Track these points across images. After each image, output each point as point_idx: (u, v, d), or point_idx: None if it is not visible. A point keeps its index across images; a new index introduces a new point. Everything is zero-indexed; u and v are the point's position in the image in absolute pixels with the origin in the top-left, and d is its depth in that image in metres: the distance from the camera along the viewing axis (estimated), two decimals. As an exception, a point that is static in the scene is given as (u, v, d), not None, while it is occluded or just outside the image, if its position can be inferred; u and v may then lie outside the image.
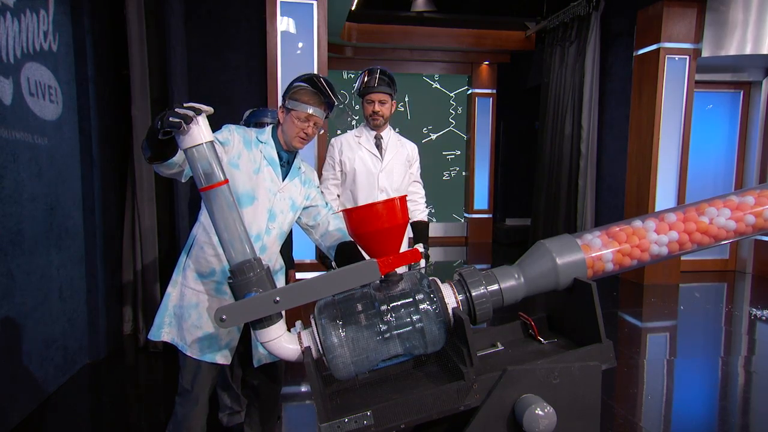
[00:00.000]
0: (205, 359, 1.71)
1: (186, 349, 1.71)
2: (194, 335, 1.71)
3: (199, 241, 1.73)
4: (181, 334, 1.73)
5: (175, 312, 1.75)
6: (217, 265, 1.71)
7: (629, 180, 5.87)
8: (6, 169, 2.37)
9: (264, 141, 1.75)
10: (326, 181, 2.63)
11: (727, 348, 3.82)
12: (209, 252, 1.72)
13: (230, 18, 4.53)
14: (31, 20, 2.62)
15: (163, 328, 1.75)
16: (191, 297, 1.72)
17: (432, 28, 7.52)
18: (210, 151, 1.25)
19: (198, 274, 1.72)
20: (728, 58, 5.46)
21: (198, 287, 1.72)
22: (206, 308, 1.71)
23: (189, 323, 1.71)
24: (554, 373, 1.16)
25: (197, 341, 1.71)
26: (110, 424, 2.68)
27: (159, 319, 1.76)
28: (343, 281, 1.18)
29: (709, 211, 1.28)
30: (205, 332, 1.71)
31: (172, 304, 1.75)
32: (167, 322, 1.75)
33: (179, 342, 1.73)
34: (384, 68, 2.51)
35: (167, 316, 1.75)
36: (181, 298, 1.73)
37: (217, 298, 1.72)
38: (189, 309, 1.72)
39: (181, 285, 1.74)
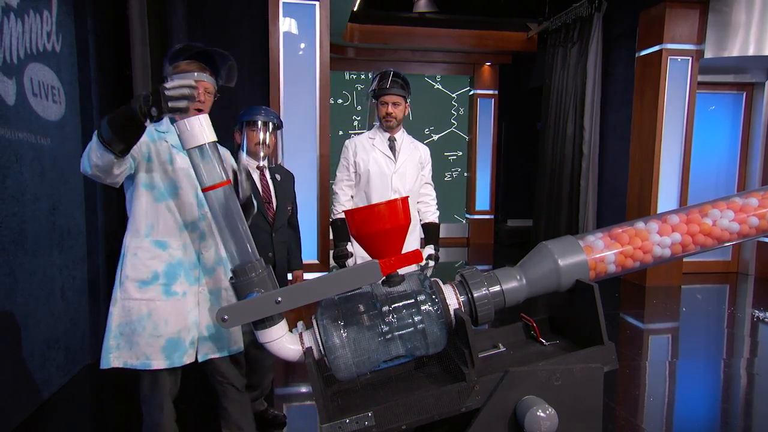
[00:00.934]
0: (174, 365, 1.64)
1: (150, 365, 1.61)
2: (156, 345, 1.61)
3: (131, 248, 1.64)
4: (137, 351, 1.60)
5: (121, 332, 1.61)
6: (159, 265, 1.62)
7: (631, 181, 5.86)
8: (9, 170, 2.38)
9: (165, 130, 1.68)
10: (340, 182, 2.64)
11: (730, 350, 3.81)
12: (145, 256, 1.62)
13: (232, 19, 4.54)
14: (35, 21, 2.62)
15: (111, 353, 1.61)
16: (140, 308, 1.61)
17: (434, 29, 7.52)
18: (213, 151, 1.25)
19: (140, 282, 1.61)
20: (731, 60, 5.45)
21: (144, 296, 1.61)
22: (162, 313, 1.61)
23: (146, 335, 1.60)
24: (556, 375, 1.16)
25: (161, 350, 1.61)
26: (112, 424, 2.69)
27: (105, 344, 1.61)
28: (345, 282, 1.18)
29: (713, 213, 1.28)
30: (167, 339, 1.62)
31: (115, 324, 1.62)
32: (114, 345, 1.61)
33: (136, 362, 1.61)
34: (398, 70, 2.54)
35: (113, 339, 1.61)
36: (126, 314, 1.61)
37: (168, 300, 1.62)
38: (141, 321, 1.60)
39: (122, 300, 1.62)
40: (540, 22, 7.47)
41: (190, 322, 1.67)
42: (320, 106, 4.36)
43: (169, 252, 1.64)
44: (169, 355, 1.63)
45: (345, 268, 2.54)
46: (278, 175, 2.46)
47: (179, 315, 1.64)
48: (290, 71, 4.31)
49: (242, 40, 4.53)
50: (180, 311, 1.64)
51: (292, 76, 4.32)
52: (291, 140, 4.32)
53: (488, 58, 8.25)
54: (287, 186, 2.51)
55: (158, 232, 1.65)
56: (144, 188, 1.65)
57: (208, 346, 1.70)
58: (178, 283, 1.64)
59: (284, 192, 2.46)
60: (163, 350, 1.62)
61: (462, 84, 8.62)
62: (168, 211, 1.64)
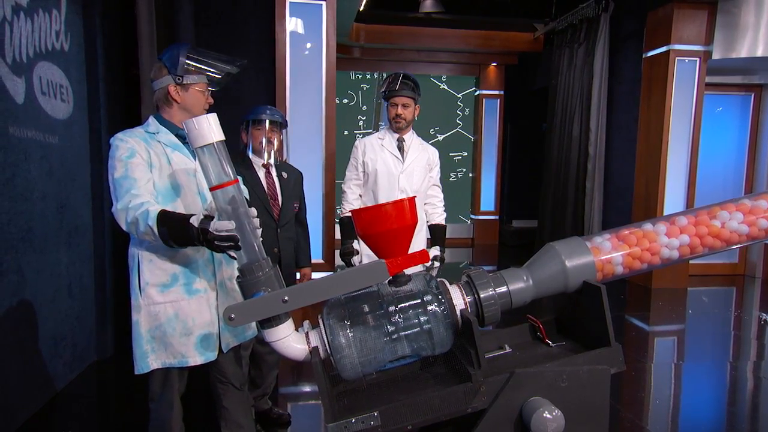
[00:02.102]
0: (209, 359, 1.67)
1: (187, 362, 1.64)
2: (189, 344, 1.64)
3: (146, 256, 1.64)
4: (173, 351, 1.64)
5: (153, 335, 1.64)
6: (176, 268, 1.63)
7: (637, 183, 5.83)
8: (17, 168, 2.40)
9: (155, 131, 1.67)
10: (349, 181, 2.70)
11: (736, 353, 3.78)
12: (159, 261, 1.63)
13: (239, 18, 4.55)
14: (44, 20, 2.64)
15: (148, 357, 1.64)
16: (167, 311, 1.63)
17: (439, 29, 7.51)
18: (220, 150, 1.26)
19: (161, 286, 1.63)
20: (739, 61, 5.41)
21: (168, 298, 1.63)
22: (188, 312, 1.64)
23: (177, 335, 1.63)
24: (562, 377, 1.15)
25: (195, 347, 1.64)
26: (118, 420, 2.70)
27: (139, 350, 1.64)
28: (352, 282, 1.18)
29: (722, 215, 1.27)
30: (198, 334, 1.65)
31: (145, 330, 1.64)
32: (149, 349, 1.64)
33: (174, 360, 1.64)
34: (408, 73, 2.60)
35: (147, 343, 1.64)
36: (154, 319, 1.63)
37: (192, 298, 1.65)
38: (171, 323, 1.63)
39: (147, 306, 1.64)
40: (546, 23, 7.44)
41: (215, 316, 1.69)
42: (326, 105, 4.36)
43: (184, 252, 1.65)
44: (203, 351, 1.66)
45: (351, 265, 2.57)
46: (284, 173, 2.49)
47: (205, 311, 1.67)
48: (296, 71, 4.32)
49: (249, 40, 4.54)
50: (204, 307, 1.67)
51: (298, 75, 4.32)
52: (297, 140, 4.33)
53: (494, 59, 8.23)
54: (294, 183, 2.52)
55: None
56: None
57: (227, 336, 1.73)
58: (197, 281, 1.67)
59: (290, 189, 2.48)
60: (196, 347, 1.65)
61: (467, 84, 8.60)
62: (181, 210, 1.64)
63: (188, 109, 1.67)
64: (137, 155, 1.56)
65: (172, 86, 1.64)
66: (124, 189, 1.53)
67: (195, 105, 1.67)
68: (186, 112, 1.67)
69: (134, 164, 1.55)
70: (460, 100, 8.64)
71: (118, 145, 1.57)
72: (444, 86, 8.55)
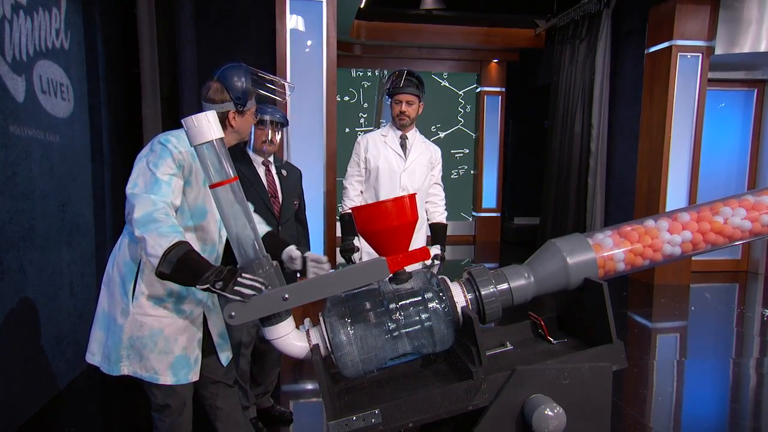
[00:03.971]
0: (182, 382, 1.63)
1: (158, 379, 1.61)
2: (165, 362, 1.61)
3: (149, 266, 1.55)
4: (147, 364, 1.61)
5: (132, 344, 1.60)
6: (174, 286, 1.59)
7: (640, 179, 5.81)
8: (18, 166, 2.40)
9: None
10: (350, 177, 2.70)
11: (739, 349, 3.77)
12: None
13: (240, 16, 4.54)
14: (44, 18, 2.64)
15: (121, 362, 1.61)
16: (152, 324, 1.59)
17: (441, 26, 7.49)
18: (220, 148, 1.25)
19: (155, 299, 1.60)
20: (742, 56, 5.38)
21: (158, 313, 1.60)
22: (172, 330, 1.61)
23: (156, 351, 1.60)
24: (564, 374, 1.15)
25: (170, 367, 1.61)
26: (119, 420, 2.71)
27: (115, 353, 1.61)
28: (352, 279, 1.17)
29: (724, 211, 1.26)
30: (176, 356, 1.62)
31: (126, 336, 1.60)
32: (124, 355, 1.61)
33: (145, 374, 1.61)
34: (412, 70, 2.58)
35: (123, 349, 1.60)
36: (138, 329, 1.59)
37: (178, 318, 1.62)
38: (153, 337, 1.60)
39: (136, 314, 1.59)
40: (548, 19, 7.41)
41: (196, 341, 1.67)
42: (327, 103, 4.35)
43: None
44: (176, 372, 1.62)
45: (351, 262, 2.56)
46: (284, 171, 2.50)
47: (187, 333, 1.64)
48: (297, 68, 4.31)
49: (250, 38, 4.53)
50: (188, 330, 1.64)
51: (299, 73, 4.31)
52: (298, 137, 4.32)
53: (495, 56, 8.20)
54: (293, 181, 2.53)
55: None
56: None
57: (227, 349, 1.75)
58: (186, 302, 1.64)
59: (290, 187, 2.49)
60: (171, 367, 1.62)
61: (469, 81, 8.58)
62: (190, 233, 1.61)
63: (240, 132, 1.66)
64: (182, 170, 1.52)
65: (231, 112, 1.61)
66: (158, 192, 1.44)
67: (246, 129, 1.67)
68: (237, 135, 1.67)
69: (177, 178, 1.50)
70: (461, 97, 8.62)
71: (171, 150, 1.50)
72: (445, 83, 8.53)
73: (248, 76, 1.62)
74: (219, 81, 1.60)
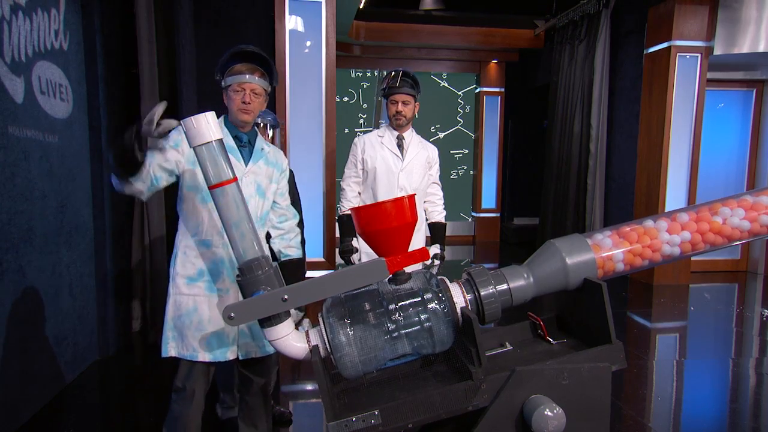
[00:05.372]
0: (218, 359, 1.70)
1: (197, 356, 1.70)
2: (202, 340, 1.70)
3: (181, 246, 1.74)
4: (187, 343, 1.71)
5: (174, 324, 1.73)
6: (203, 264, 1.71)
7: (639, 179, 5.82)
8: (17, 167, 2.40)
9: None
10: (348, 178, 2.70)
11: (738, 349, 3.77)
12: (192, 254, 1.72)
13: (239, 17, 4.55)
14: (43, 19, 2.64)
15: (169, 343, 1.74)
16: (187, 303, 1.71)
17: (440, 27, 7.49)
18: (219, 149, 1.25)
19: (188, 278, 1.72)
20: (741, 56, 5.39)
21: (191, 291, 1.71)
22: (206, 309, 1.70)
23: (192, 329, 1.70)
24: (563, 374, 1.15)
25: (206, 344, 1.70)
26: (119, 420, 2.70)
27: (164, 334, 1.76)
28: (352, 280, 1.17)
29: (723, 211, 1.26)
30: (211, 333, 1.70)
31: (169, 317, 1.74)
32: (170, 336, 1.74)
33: (185, 353, 1.72)
34: (408, 70, 2.60)
35: (169, 330, 1.75)
36: (177, 308, 1.72)
37: (211, 296, 1.72)
38: (189, 315, 1.71)
39: (174, 295, 1.73)
40: (547, 19, 7.42)
41: None
42: (326, 103, 4.36)
43: (213, 251, 1.71)
44: (212, 350, 1.70)
45: (350, 263, 2.57)
46: None
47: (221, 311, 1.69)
48: (296, 69, 4.31)
49: (249, 38, 4.53)
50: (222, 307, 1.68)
51: (298, 73, 4.32)
52: (297, 138, 4.32)
53: (495, 56, 8.21)
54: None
55: (203, 231, 1.72)
56: (189, 191, 1.71)
57: (249, 344, 1.77)
58: (221, 281, 1.71)
59: None
60: (207, 344, 1.70)
61: (468, 82, 8.59)
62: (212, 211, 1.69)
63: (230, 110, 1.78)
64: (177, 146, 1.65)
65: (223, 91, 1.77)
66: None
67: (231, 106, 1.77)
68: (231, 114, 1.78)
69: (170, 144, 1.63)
70: (460, 98, 8.62)
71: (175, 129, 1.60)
72: (444, 84, 8.53)
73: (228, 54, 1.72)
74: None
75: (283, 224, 1.93)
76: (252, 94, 1.72)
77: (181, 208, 1.76)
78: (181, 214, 1.77)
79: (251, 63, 1.72)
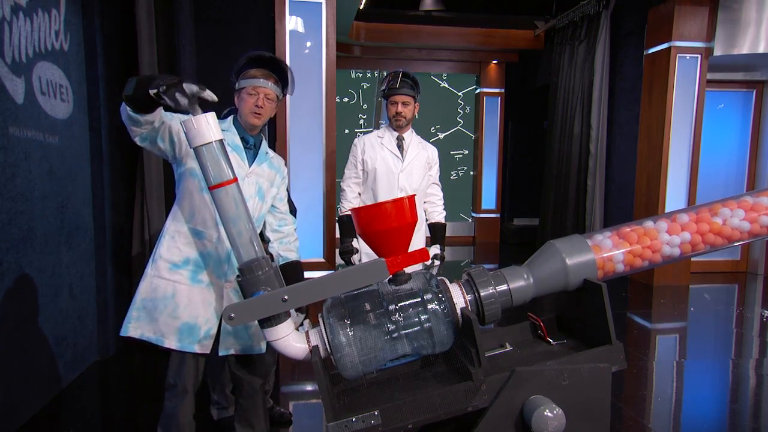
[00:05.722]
0: (185, 349, 1.68)
1: (163, 342, 1.67)
2: (172, 326, 1.67)
3: (170, 230, 1.71)
4: (155, 327, 1.68)
5: (144, 305, 1.69)
6: (191, 253, 1.69)
7: (639, 180, 5.82)
8: (18, 168, 2.40)
9: (225, 129, 1.76)
10: (348, 179, 2.70)
11: (738, 350, 3.77)
12: (181, 241, 1.69)
13: (239, 17, 4.55)
14: (43, 20, 2.64)
15: (131, 323, 1.69)
16: (165, 287, 1.67)
17: (440, 27, 7.50)
18: (219, 150, 1.25)
19: (171, 264, 1.68)
20: (741, 57, 5.39)
21: (172, 277, 1.68)
22: (184, 297, 1.68)
23: (165, 314, 1.67)
24: (563, 375, 1.15)
25: (176, 332, 1.67)
26: (119, 421, 2.70)
27: (129, 313, 1.71)
28: (352, 280, 1.17)
29: (723, 212, 1.26)
30: (183, 322, 1.67)
31: (140, 297, 1.70)
32: (135, 316, 1.69)
33: (151, 336, 1.68)
34: (407, 71, 2.61)
35: (135, 310, 1.70)
36: (153, 291, 1.68)
37: (193, 286, 1.69)
38: (164, 300, 1.67)
39: (152, 277, 1.69)
40: (547, 20, 7.42)
41: (210, 314, 1.70)
42: (326, 104, 4.36)
43: (204, 242, 1.69)
44: (181, 339, 1.68)
45: (350, 263, 2.57)
46: None
47: (199, 303, 1.69)
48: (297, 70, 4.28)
49: (249, 39, 4.54)
50: (201, 300, 1.69)
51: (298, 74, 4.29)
52: (297, 138, 4.32)
53: (495, 57, 8.21)
54: None
55: (198, 221, 1.71)
56: (192, 176, 1.70)
57: (230, 342, 1.75)
58: (205, 273, 1.70)
59: None
60: (177, 332, 1.67)
61: (468, 82, 8.59)
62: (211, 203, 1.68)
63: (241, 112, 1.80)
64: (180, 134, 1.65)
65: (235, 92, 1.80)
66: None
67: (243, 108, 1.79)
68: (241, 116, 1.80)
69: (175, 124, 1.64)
70: (460, 98, 8.63)
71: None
72: (445, 84, 8.54)
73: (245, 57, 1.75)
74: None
75: (283, 228, 1.93)
76: (265, 98, 1.75)
77: (180, 192, 1.73)
78: (177, 199, 1.74)
79: (267, 69, 1.76)
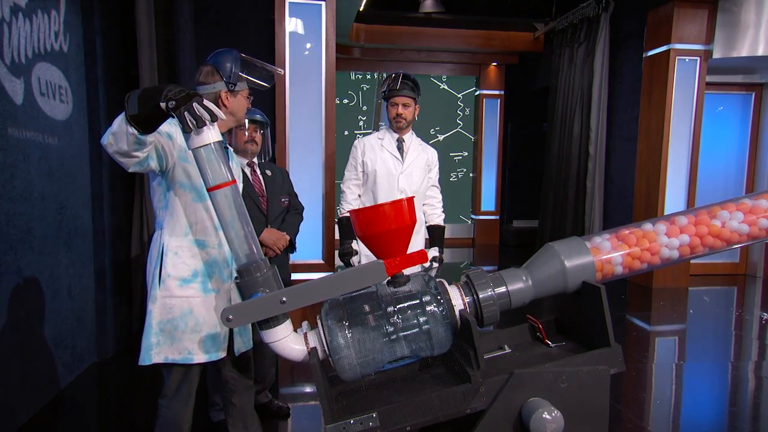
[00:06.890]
0: (213, 359, 1.69)
1: (192, 359, 1.65)
2: (197, 340, 1.66)
3: (171, 247, 1.66)
4: (179, 346, 1.65)
5: (162, 329, 1.65)
6: (197, 265, 1.67)
7: (638, 182, 5.82)
8: (17, 169, 2.39)
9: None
10: (348, 181, 2.71)
11: (737, 353, 3.77)
12: (186, 255, 1.66)
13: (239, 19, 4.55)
14: (43, 20, 2.64)
15: (152, 350, 1.65)
16: (181, 305, 1.65)
17: (440, 29, 7.51)
18: (218, 152, 1.25)
19: (181, 280, 1.65)
20: (740, 60, 5.40)
21: (185, 293, 1.65)
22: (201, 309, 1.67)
23: (188, 331, 1.65)
24: (562, 377, 1.15)
25: (201, 345, 1.67)
26: (117, 422, 2.70)
27: (146, 341, 1.65)
28: (350, 282, 1.17)
29: (722, 215, 1.26)
30: (207, 333, 1.67)
31: (155, 321, 1.65)
32: (155, 342, 1.65)
33: (178, 356, 1.65)
34: (408, 72, 2.61)
35: (154, 336, 1.65)
36: (168, 312, 1.65)
37: (206, 297, 1.67)
38: (183, 318, 1.65)
39: (163, 298, 1.65)
40: (546, 22, 7.44)
41: None
42: (326, 106, 4.36)
43: (207, 251, 1.69)
44: (208, 350, 1.68)
45: (350, 265, 2.57)
46: (268, 171, 2.55)
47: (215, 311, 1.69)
48: (296, 71, 4.31)
49: (248, 40, 4.54)
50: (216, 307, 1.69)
51: (298, 76, 4.32)
52: (297, 140, 4.32)
53: (494, 59, 8.22)
54: (279, 181, 2.58)
55: (197, 231, 1.69)
56: (183, 189, 1.67)
57: (240, 341, 1.77)
58: (213, 281, 1.70)
59: (275, 186, 2.54)
60: (203, 345, 1.67)
61: (468, 84, 8.60)
62: (206, 211, 1.68)
63: (235, 114, 1.75)
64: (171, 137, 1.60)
65: (223, 92, 1.70)
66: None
67: (240, 110, 1.76)
68: (232, 117, 1.76)
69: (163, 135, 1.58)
70: (460, 100, 8.63)
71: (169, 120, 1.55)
72: (444, 86, 8.54)
73: (237, 57, 1.73)
74: (210, 64, 1.72)
75: None
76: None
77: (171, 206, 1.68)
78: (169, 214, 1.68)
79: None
